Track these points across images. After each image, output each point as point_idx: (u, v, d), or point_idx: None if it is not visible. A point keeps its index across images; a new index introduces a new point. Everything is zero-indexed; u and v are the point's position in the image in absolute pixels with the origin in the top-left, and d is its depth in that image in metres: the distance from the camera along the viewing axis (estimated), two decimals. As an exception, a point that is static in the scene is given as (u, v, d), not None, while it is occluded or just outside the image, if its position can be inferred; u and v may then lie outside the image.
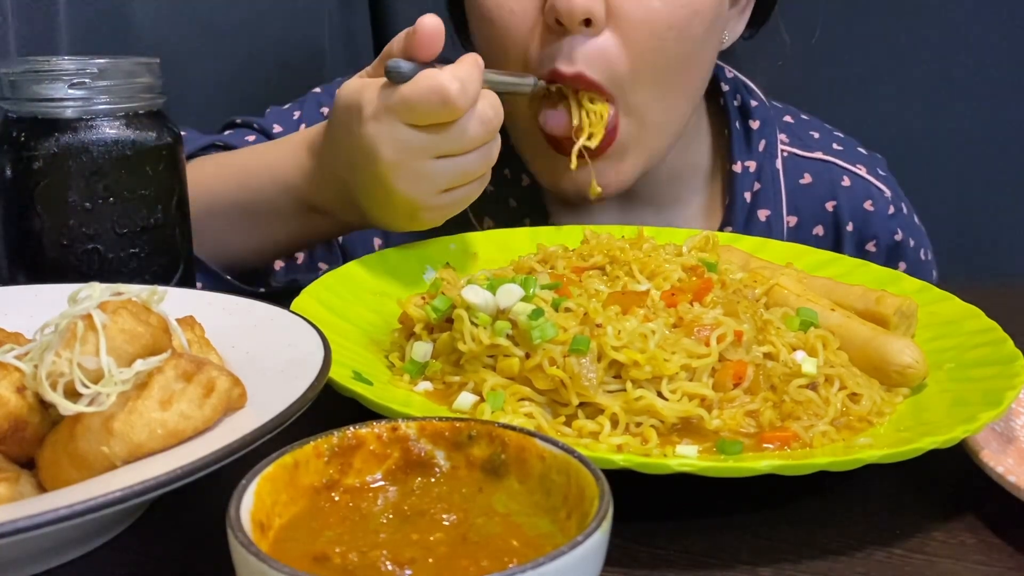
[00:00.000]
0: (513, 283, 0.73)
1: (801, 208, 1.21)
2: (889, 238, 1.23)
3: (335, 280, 0.89)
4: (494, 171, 0.98)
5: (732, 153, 1.20)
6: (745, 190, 1.21)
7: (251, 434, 0.52)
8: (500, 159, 1.09)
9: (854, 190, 1.22)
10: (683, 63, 1.03)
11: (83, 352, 0.55)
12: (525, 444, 0.50)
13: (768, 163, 1.21)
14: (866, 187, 1.23)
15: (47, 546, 0.54)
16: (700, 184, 1.23)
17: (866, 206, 1.23)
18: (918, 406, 0.74)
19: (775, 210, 1.20)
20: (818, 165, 1.23)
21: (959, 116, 1.77)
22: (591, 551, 0.41)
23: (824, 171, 1.23)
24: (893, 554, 0.59)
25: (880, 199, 1.24)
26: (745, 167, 1.20)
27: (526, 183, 1.23)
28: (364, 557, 0.44)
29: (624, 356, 0.68)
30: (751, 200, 1.21)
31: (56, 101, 0.83)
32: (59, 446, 0.53)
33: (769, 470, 0.58)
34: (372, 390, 0.67)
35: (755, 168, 1.21)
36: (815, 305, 0.82)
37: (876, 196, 1.23)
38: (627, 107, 1.02)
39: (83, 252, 0.85)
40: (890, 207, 1.24)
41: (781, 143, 1.23)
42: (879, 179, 1.25)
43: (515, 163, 1.19)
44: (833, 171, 1.23)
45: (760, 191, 1.21)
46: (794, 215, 1.21)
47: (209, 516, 0.52)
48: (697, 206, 1.23)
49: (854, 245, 1.22)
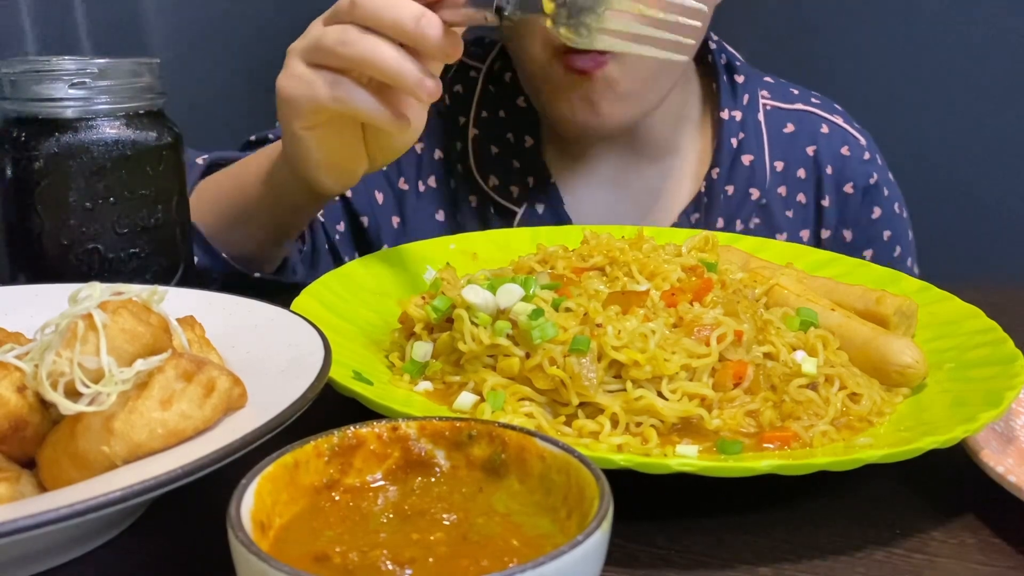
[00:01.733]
0: (513, 283, 0.73)
1: (784, 153, 1.32)
2: (864, 181, 1.32)
3: (335, 280, 0.89)
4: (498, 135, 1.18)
5: (720, 103, 1.31)
6: (732, 136, 1.30)
7: (251, 434, 0.52)
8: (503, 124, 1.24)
9: (832, 137, 1.33)
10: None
11: (83, 352, 0.55)
12: (525, 444, 0.50)
13: (751, 115, 1.32)
14: (843, 134, 1.34)
15: (48, 546, 0.54)
16: (692, 133, 1.33)
17: (843, 151, 1.33)
18: (918, 406, 0.74)
19: (758, 156, 1.30)
20: (799, 114, 1.34)
21: (959, 115, 1.77)
22: (591, 551, 0.41)
23: (804, 119, 1.34)
24: (893, 554, 0.59)
25: (856, 146, 1.34)
26: (732, 116, 1.31)
27: (528, 143, 1.32)
28: (364, 557, 0.44)
29: (624, 356, 0.68)
30: (737, 146, 1.30)
31: (57, 101, 0.83)
32: (59, 446, 0.53)
33: (769, 470, 0.58)
34: (372, 390, 0.67)
35: (740, 118, 1.31)
36: (815, 305, 0.82)
37: (852, 143, 1.34)
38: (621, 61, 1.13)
39: (83, 252, 0.85)
40: (865, 153, 1.34)
41: (763, 98, 1.34)
42: (855, 129, 1.35)
43: (518, 127, 1.30)
44: (813, 120, 1.34)
45: (744, 139, 1.31)
46: (780, 160, 1.31)
47: (209, 516, 0.52)
48: (689, 153, 1.33)
49: (833, 187, 1.32)
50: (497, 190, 1.31)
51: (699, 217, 1.30)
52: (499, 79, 1.34)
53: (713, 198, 1.29)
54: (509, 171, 1.31)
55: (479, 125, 1.33)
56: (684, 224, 1.29)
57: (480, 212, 1.32)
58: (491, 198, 1.31)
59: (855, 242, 1.33)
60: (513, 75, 1.32)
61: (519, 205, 1.30)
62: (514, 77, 1.32)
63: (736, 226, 1.29)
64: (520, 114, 1.32)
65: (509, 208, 1.31)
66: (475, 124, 1.33)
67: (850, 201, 1.32)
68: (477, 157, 1.32)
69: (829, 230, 1.32)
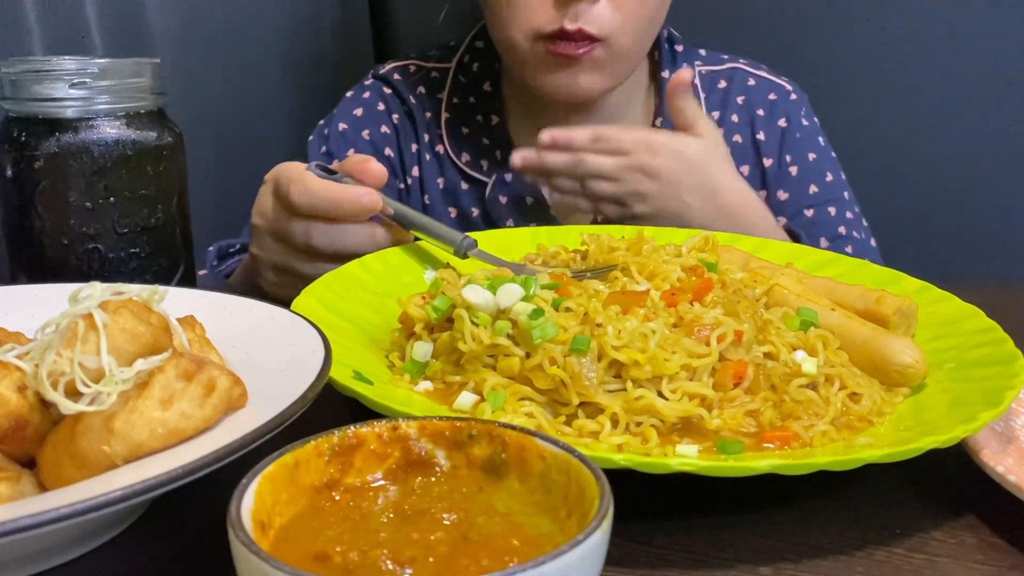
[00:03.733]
0: (513, 283, 0.73)
1: (719, 104, 1.46)
2: (797, 118, 1.45)
3: (335, 280, 0.89)
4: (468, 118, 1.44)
5: (661, 65, 1.46)
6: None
7: (251, 434, 0.52)
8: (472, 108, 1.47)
9: (758, 87, 1.48)
10: (658, 16, 1.31)
11: (84, 351, 0.55)
12: (525, 443, 0.50)
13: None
14: (768, 84, 1.48)
15: (48, 545, 0.54)
16: (639, 96, 1.47)
17: (770, 97, 1.47)
18: (918, 406, 0.74)
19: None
20: (728, 72, 1.49)
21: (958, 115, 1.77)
22: (591, 550, 0.41)
23: (734, 76, 1.49)
24: (893, 554, 0.59)
25: (781, 91, 1.47)
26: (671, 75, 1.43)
27: (495, 121, 1.45)
28: (365, 556, 0.44)
29: (624, 356, 0.68)
30: None
31: (57, 101, 0.83)
32: (60, 445, 0.53)
33: (769, 470, 0.58)
34: (372, 390, 0.67)
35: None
36: (815, 305, 0.82)
37: (777, 89, 1.48)
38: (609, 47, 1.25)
39: (84, 252, 0.85)
40: (792, 95, 1.47)
41: (697, 66, 1.49)
42: (781, 79, 1.49)
43: (486, 109, 1.45)
44: (740, 75, 1.49)
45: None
46: (715, 110, 1.46)
47: (209, 516, 0.52)
48: (638, 113, 1.47)
49: (766, 124, 1.44)
50: (469, 165, 1.44)
51: None
52: (467, 69, 1.49)
53: None
54: (479, 147, 1.45)
55: (450, 110, 1.46)
56: None
57: (452, 186, 1.44)
58: (463, 173, 1.44)
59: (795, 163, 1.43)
60: (480, 65, 1.48)
61: (489, 176, 1.42)
62: (481, 67, 1.47)
63: None
64: (487, 97, 1.46)
65: (480, 180, 1.43)
66: (447, 109, 1.46)
67: (786, 132, 1.43)
68: (450, 138, 1.45)
69: (771, 159, 1.43)
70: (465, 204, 1.44)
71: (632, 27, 1.25)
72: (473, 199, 1.43)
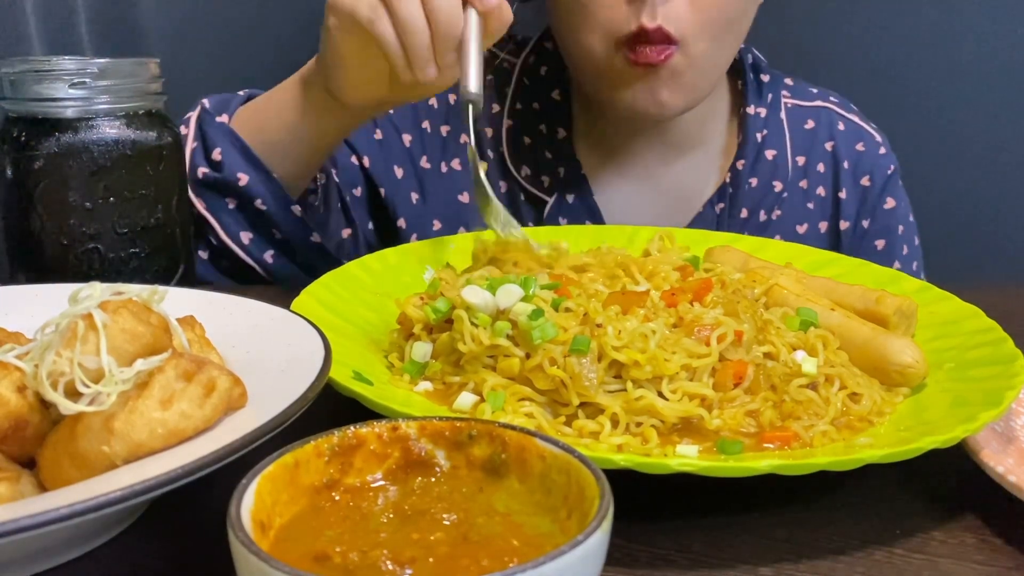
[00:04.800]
0: (513, 283, 0.73)
1: (804, 148, 1.37)
2: (882, 173, 1.37)
3: (335, 280, 0.89)
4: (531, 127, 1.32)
5: (746, 99, 1.37)
6: (756, 131, 1.36)
7: (251, 434, 0.52)
8: (536, 116, 1.35)
9: (847, 133, 1.39)
10: (736, 18, 1.21)
11: (84, 351, 0.55)
12: (525, 444, 0.50)
13: (774, 113, 1.38)
14: (858, 131, 1.40)
15: (48, 545, 0.54)
16: (719, 128, 1.38)
17: (858, 147, 1.38)
18: (918, 406, 0.74)
19: (780, 150, 1.36)
20: (817, 111, 1.40)
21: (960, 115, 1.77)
22: (591, 550, 0.41)
23: (823, 116, 1.40)
24: (893, 554, 0.59)
25: (871, 142, 1.40)
26: (757, 112, 1.37)
27: (561, 136, 1.36)
28: (365, 557, 0.44)
29: (624, 356, 0.68)
30: (761, 141, 1.35)
31: (57, 101, 0.83)
32: (60, 445, 0.53)
33: (769, 470, 0.58)
34: (372, 390, 0.67)
35: (765, 114, 1.37)
36: (815, 305, 0.82)
37: (867, 139, 1.39)
38: (688, 53, 1.17)
39: (83, 252, 0.85)
40: (880, 148, 1.40)
41: (784, 97, 1.40)
42: (871, 127, 1.41)
43: (551, 120, 1.35)
44: (831, 115, 1.40)
45: (768, 135, 1.36)
46: (801, 155, 1.37)
47: (209, 516, 0.52)
48: (715, 147, 1.38)
49: (851, 180, 1.37)
50: (529, 179, 1.35)
51: (723, 207, 1.33)
52: (534, 72, 1.39)
53: (737, 188, 1.33)
54: (541, 162, 1.35)
55: (513, 116, 1.37)
56: (709, 213, 1.33)
57: (510, 199, 1.35)
58: (522, 187, 1.35)
59: (871, 231, 1.36)
60: (548, 69, 1.37)
61: (549, 195, 1.33)
62: (549, 71, 1.37)
63: (760, 216, 1.33)
64: (554, 107, 1.36)
65: (540, 197, 1.34)
66: (509, 115, 1.37)
67: (868, 193, 1.36)
68: (510, 147, 1.36)
69: (848, 221, 1.36)
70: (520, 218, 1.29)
71: (709, 30, 1.17)
72: (530, 215, 1.34)
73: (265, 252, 1.13)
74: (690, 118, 1.31)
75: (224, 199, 1.10)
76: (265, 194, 1.10)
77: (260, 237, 1.12)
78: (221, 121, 1.10)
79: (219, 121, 1.10)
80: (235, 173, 1.08)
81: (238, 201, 1.10)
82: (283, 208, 1.11)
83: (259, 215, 1.10)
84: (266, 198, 1.10)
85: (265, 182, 1.09)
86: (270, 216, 1.10)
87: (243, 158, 1.09)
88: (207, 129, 1.10)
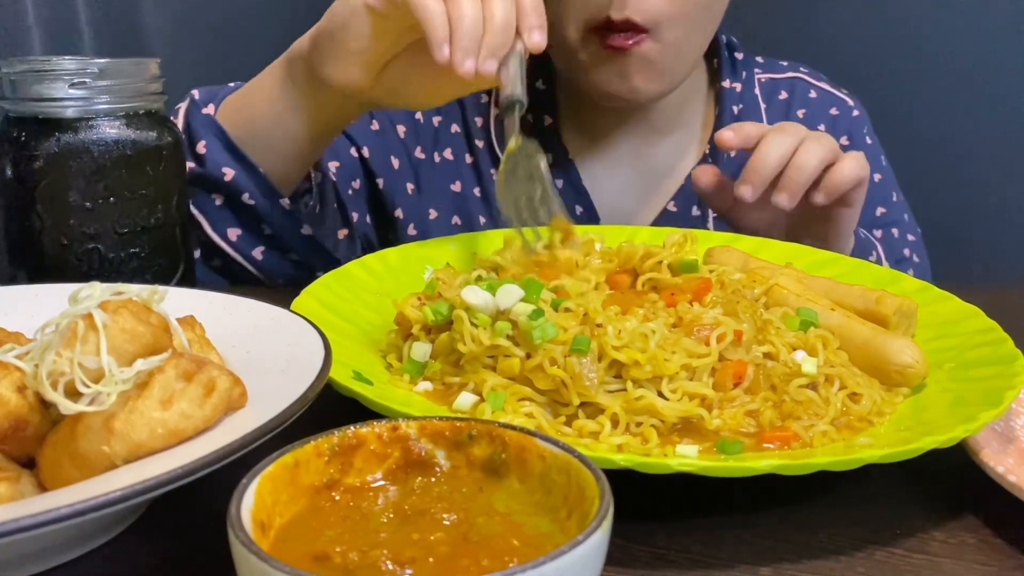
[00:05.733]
0: (512, 284, 0.73)
1: (780, 117, 1.41)
2: (860, 136, 1.41)
3: (335, 280, 0.89)
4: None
5: (721, 75, 1.42)
6: (732, 104, 1.41)
7: (251, 434, 0.52)
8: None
9: (819, 100, 1.44)
10: (709, 5, 1.25)
11: (84, 351, 0.55)
12: (525, 444, 0.50)
13: (748, 90, 1.43)
14: (829, 97, 1.44)
15: (47, 545, 0.54)
16: (698, 106, 1.43)
17: (832, 111, 1.43)
18: (918, 406, 0.74)
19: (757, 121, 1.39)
20: (791, 83, 1.45)
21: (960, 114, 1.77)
22: (591, 550, 0.41)
23: (795, 87, 1.45)
24: (893, 554, 0.59)
25: (843, 105, 1.44)
26: (732, 86, 1.42)
27: (547, 123, 1.40)
28: (364, 556, 0.44)
29: (624, 356, 0.68)
30: (737, 113, 1.40)
31: (57, 101, 0.83)
32: (60, 445, 0.53)
33: (769, 470, 0.58)
34: (372, 390, 0.67)
35: (740, 89, 1.42)
36: (815, 305, 0.82)
37: (839, 103, 1.44)
38: (660, 40, 1.20)
39: (83, 252, 0.85)
40: (854, 111, 1.44)
41: (756, 73, 1.45)
42: (842, 92, 1.45)
43: (538, 107, 1.37)
44: (802, 85, 1.45)
45: (743, 109, 1.41)
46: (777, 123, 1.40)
47: (209, 516, 0.52)
48: (695, 124, 1.43)
49: None
50: None
51: None
52: None
53: (717, 159, 1.36)
54: None
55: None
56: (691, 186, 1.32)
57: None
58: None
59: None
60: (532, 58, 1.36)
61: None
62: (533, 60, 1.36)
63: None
64: (539, 95, 1.39)
65: None
66: (496, 104, 1.38)
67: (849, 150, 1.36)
68: (499, 135, 1.38)
69: None
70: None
71: (682, 18, 1.20)
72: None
73: (254, 248, 1.12)
74: (671, 101, 1.35)
75: (211, 195, 1.08)
76: (252, 188, 1.08)
77: (248, 233, 1.11)
78: (207, 112, 1.09)
79: (204, 113, 1.09)
80: (220, 168, 1.07)
81: (225, 196, 1.09)
82: (271, 201, 1.10)
83: (247, 210, 1.09)
84: (253, 192, 1.08)
85: (251, 175, 1.08)
86: (258, 210, 1.09)
87: (227, 151, 1.07)
88: (192, 121, 1.08)
